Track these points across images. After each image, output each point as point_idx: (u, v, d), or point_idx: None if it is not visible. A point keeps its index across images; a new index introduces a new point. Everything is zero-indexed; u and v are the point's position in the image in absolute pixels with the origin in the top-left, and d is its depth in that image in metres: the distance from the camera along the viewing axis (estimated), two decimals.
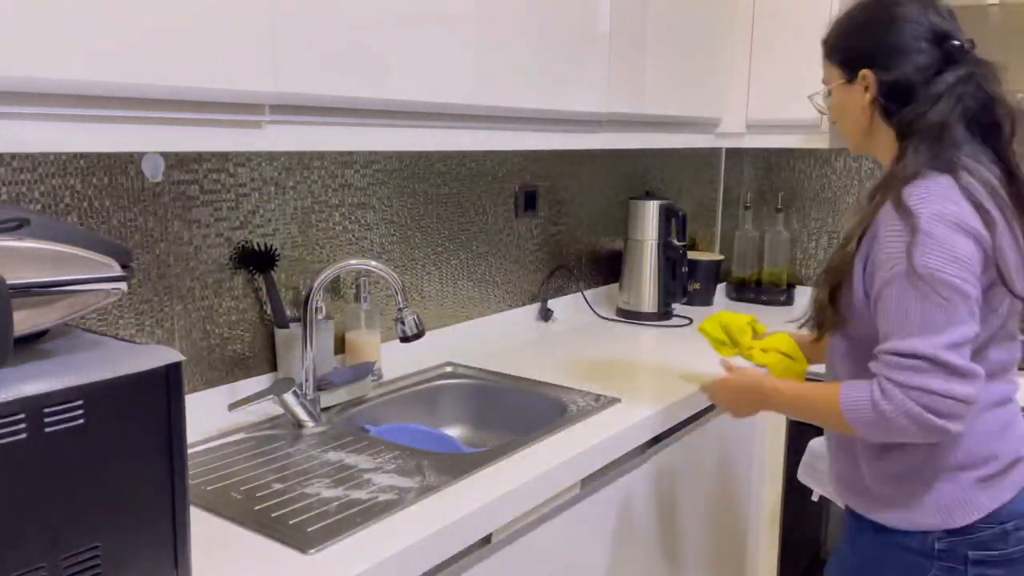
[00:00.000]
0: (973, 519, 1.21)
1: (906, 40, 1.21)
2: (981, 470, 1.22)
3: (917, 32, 1.21)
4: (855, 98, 1.27)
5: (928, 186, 1.15)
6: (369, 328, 1.77)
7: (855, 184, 2.64)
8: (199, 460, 1.34)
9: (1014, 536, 1.23)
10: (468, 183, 2.09)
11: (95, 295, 0.85)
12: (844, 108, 1.30)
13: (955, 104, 1.19)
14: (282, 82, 1.16)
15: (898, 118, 1.23)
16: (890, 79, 1.22)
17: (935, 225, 1.11)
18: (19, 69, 0.89)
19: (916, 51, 1.21)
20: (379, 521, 1.14)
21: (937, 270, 1.10)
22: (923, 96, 1.20)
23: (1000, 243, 1.14)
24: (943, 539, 1.22)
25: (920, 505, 1.23)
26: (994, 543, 1.22)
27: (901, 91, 1.22)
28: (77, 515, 0.81)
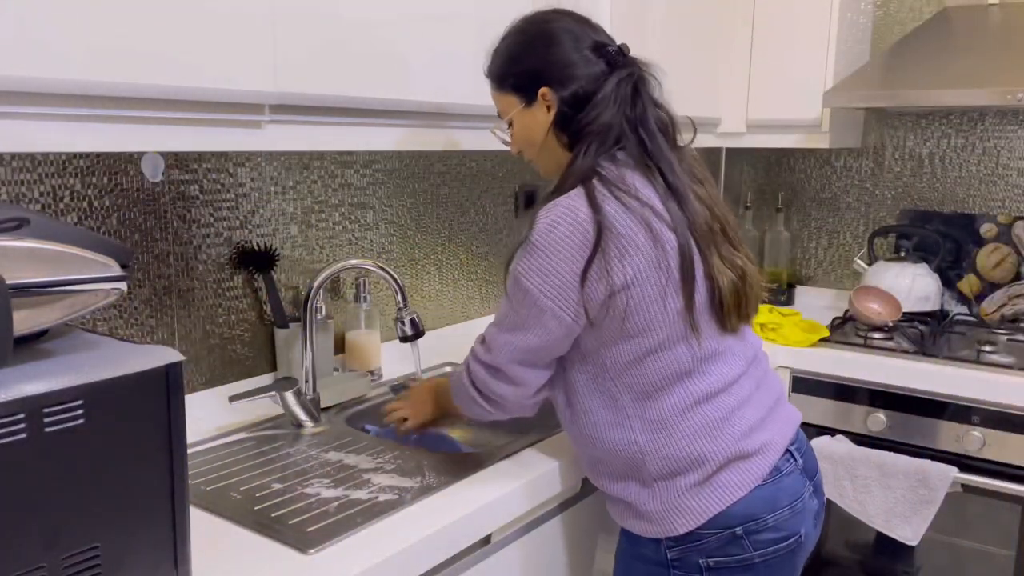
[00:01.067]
0: (695, 525, 1.17)
1: (571, 53, 1.22)
2: (692, 475, 1.17)
3: (578, 44, 1.22)
4: (537, 119, 1.26)
5: (559, 200, 1.14)
6: (369, 328, 1.77)
7: (855, 184, 2.64)
8: (199, 460, 1.34)
9: (750, 540, 1.17)
10: (468, 183, 2.09)
11: (95, 295, 0.85)
12: (529, 132, 1.28)
13: (618, 105, 1.20)
14: (282, 82, 1.16)
15: (571, 128, 1.23)
16: (568, 93, 1.22)
17: (540, 234, 1.13)
18: (19, 69, 0.89)
19: (583, 61, 1.22)
20: (379, 521, 1.14)
21: (526, 276, 1.14)
22: (593, 103, 1.21)
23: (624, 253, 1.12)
24: (673, 547, 1.19)
25: (644, 513, 1.20)
26: (727, 548, 1.17)
27: (579, 102, 1.22)
28: (77, 515, 0.81)
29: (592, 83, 1.21)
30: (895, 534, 1.94)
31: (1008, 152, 2.38)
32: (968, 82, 1.99)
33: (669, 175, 1.19)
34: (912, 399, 1.97)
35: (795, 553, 1.22)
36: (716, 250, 1.20)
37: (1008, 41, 2.10)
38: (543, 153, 1.29)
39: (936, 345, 2.10)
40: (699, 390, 1.19)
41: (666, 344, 1.16)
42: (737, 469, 1.18)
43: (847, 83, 2.18)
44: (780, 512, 1.19)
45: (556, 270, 1.13)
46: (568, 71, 1.22)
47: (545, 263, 1.13)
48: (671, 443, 1.18)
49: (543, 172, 1.33)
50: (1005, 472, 1.88)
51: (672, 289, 1.15)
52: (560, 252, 1.12)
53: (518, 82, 1.26)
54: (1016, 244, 2.37)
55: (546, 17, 1.26)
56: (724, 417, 1.19)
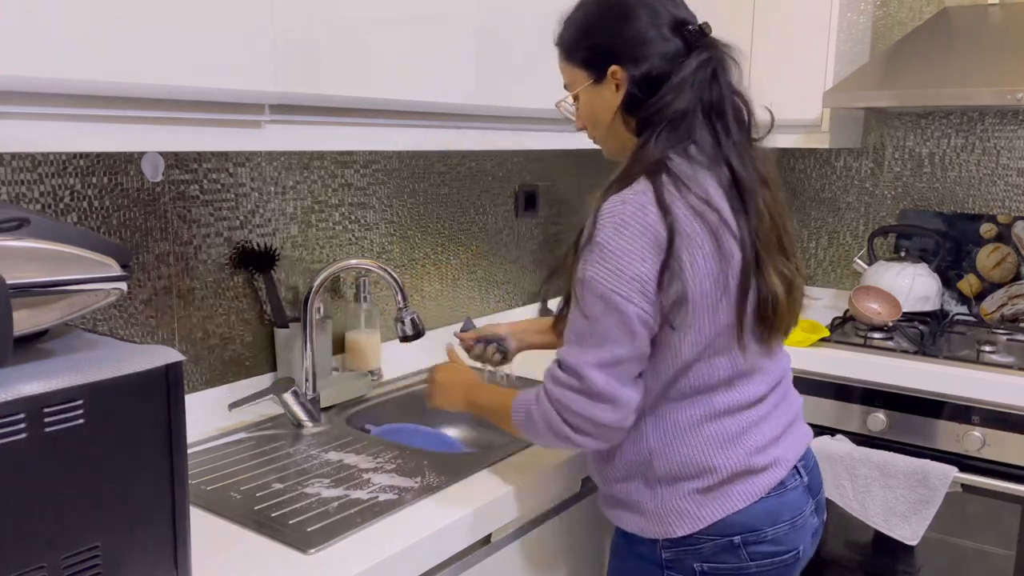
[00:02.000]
0: (693, 530, 1.15)
1: (647, 30, 1.14)
2: (697, 481, 1.15)
3: (656, 20, 1.14)
4: (605, 98, 1.18)
5: (625, 196, 1.08)
6: (369, 328, 1.77)
7: (855, 184, 2.64)
8: (199, 460, 1.34)
9: (746, 551, 1.16)
10: (468, 183, 2.09)
11: (95, 295, 0.85)
12: (595, 111, 1.20)
13: (694, 90, 1.13)
14: (282, 82, 1.16)
15: (641, 112, 1.15)
16: (640, 73, 1.14)
17: (607, 234, 1.06)
18: (20, 69, 0.89)
19: (660, 39, 1.13)
20: (379, 521, 1.14)
21: (598, 281, 1.06)
22: (668, 86, 1.13)
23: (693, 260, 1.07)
24: (668, 549, 1.17)
25: (644, 512, 1.18)
26: (722, 556, 1.16)
27: (652, 84, 1.14)
28: (77, 515, 0.81)
29: (667, 64, 1.13)
30: (895, 534, 1.94)
31: (1008, 152, 2.38)
32: (968, 82, 1.99)
33: (740, 171, 1.14)
34: (912, 399, 1.97)
35: (791, 568, 1.21)
36: (772, 262, 1.15)
37: (1008, 41, 2.10)
38: (608, 134, 1.21)
39: (936, 345, 2.10)
40: (723, 404, 1.16)
41: (706, 356, 1.13)
42: (744, 482, 1.16)
43: (847, 83, 2.18)
44: (780, 526, 1.18)
45: (632, 273, 1.05)
46: (642, 49, 1.14)
47: (619, 265, 1.06)
48: (682, 449, 1.15)
49: (606, 153, 1.26)
50: (1005, 472, 1.88)
51: (726, 303, 1.11)
52: (633, 252, 1.05)
53: (588, 56, 1.18)
54: (1016, 244, 2.37)
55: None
56: (740, 432, 1.17)
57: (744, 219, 1.12)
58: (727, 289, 1.10)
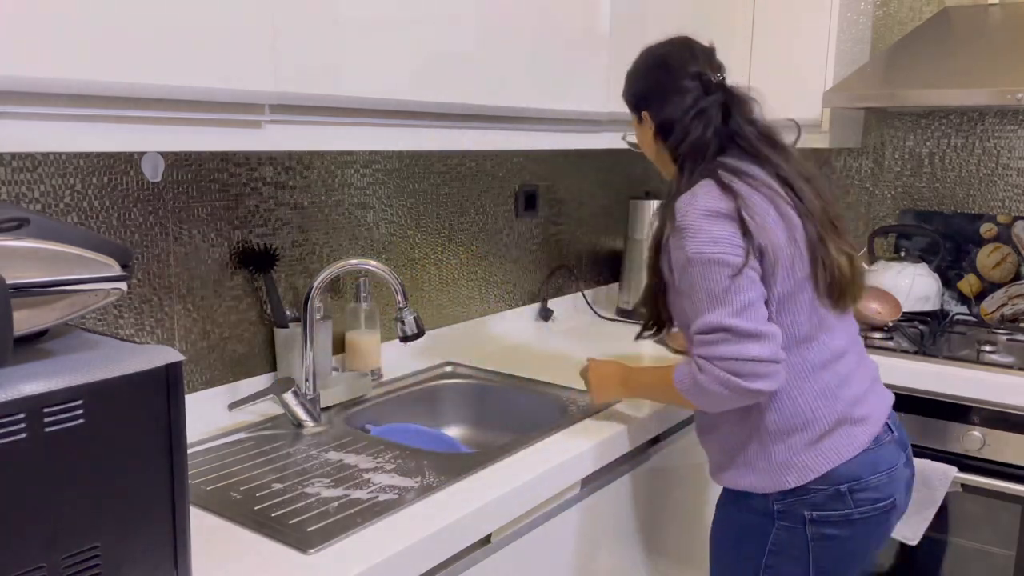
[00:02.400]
0: (805, 481, 1.31)
1: (671, 83, 1.39)
2: (807, 433, 1.31)
3: (680, 74, 1.39)
4: (645, 134, 1.46)
5: (687, 196, 1.31)
6: (369, 328, 1.77)
7: (855, 184, 2.64)
8: (199, 460, 1.34)
9: (852, 498, 1.31)
10: (468, 183, 2.09)
11: (95, 295, 0.85)
12: (643, 144, 1.49)
13: (704, 125, 1.36)
14: (282, 82, 1.16)
15: (669, 147, 1.41)
16: (661, 118, 1.41)
17: (690, 219, 1.28)
18: (20, 69, 0.89)
19: (681, 91, 1.38)
20: (379, 521, 1.14)
21: (700, 253, 1.26)
22: (682, 126, 1.38)
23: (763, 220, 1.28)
24: (780, 500, 1.33)
25: (756, 469, 1.34)
26: (831, 504, 1.31)
27: (668, 126, 1.40)
28: (77, 515, 0.81)
29: (680, 111, 1.38)
30: (895, 534, 1.94)
31: (1008, 152, 2.38)
32: (968, 82, 1.99)
33: (781, 167, 1.35)
34: (912, 399, 1.97)
35: (889, 515, 1.36)
36: (832, 240, 1.34)
37: (1008, 41, 2.09)
38: (659, 160, 1.47)
39: (936, 345, 2.10)
40: (815, 358, 1.32)
41: (789, 310, 1.30)
42: (844, 433, 1.32)
43: (847, 83, 2.18)
44: (879, 475, 1.33)
45: (721, 236, 1.26)
46: (665, 98, 1.40)
47: (709, 235, 1.26)
48: (789, 403, 1.31)
49: (663, 174, 1.49)
50: (1005, 472, 1.88)
51: (799, 262, 1.30)
52: (714, 224, 1.26)
53: (631, 103, 1.47)
54: (1016, 244, 2.37)
55: (662, 47, 1.44)
56: (838, 384, 1.33)
57: (798, 202, 1.33)
58: (799, 250, 1.30)
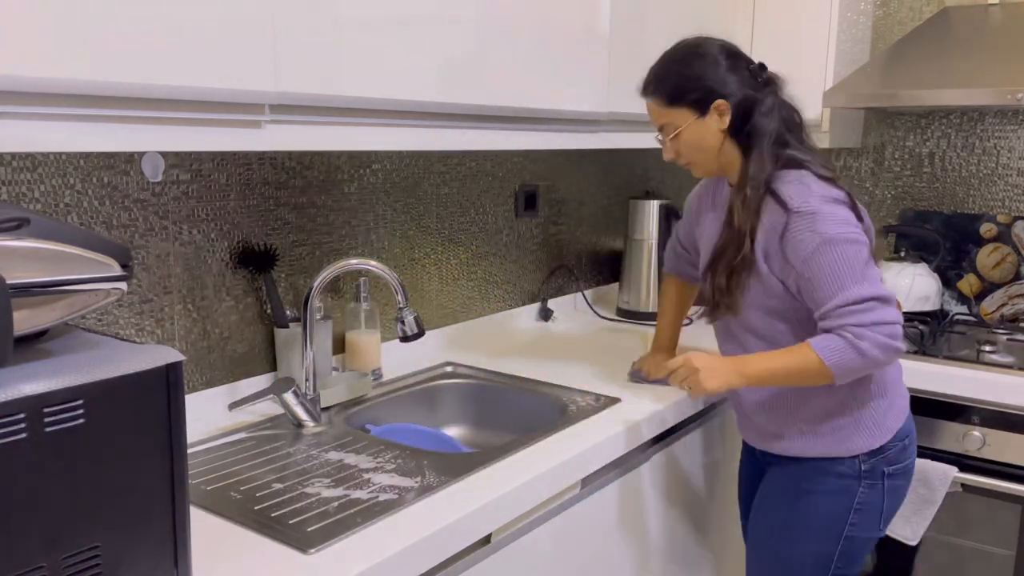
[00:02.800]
0: (888, 439, 1.48)
1: (730, 70, 1.45)
2: (887, 395, 1.49)
3: (731, 64, 1.46)
4: (711, 128, 1.46)
5: (793, 184, 1.40)
6: (369, 328, 1.77)
7: (855, 184, 2.64)
8: (199, 460, 1.34)
9: (910, 449, 1.53)
10: (468, 183, 2.09)
11: (95, 295, 0.85)
12: (702, 141, 1.48)
13: (777, 113, 1.46)
14: (282, 82, 1.16)
15: (744, 133, 1.45)
16: (736, 101, 1.44)
17: (820, 205, 1.37)
18: (20, 69, 0.89)
19: (741, 77, 1.45)
20: (379, 521, 1.14)
21: (840, 233, 1.35)
22: (758, 111, 1.45)
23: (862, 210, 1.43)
24: (867, 460, 1.48)
25: (849, 434, 1.48)
26: (899, 457, 1.50)
27: (746, 110, 1.45)
28: (77, 515, 0.81)
29: (751, 96, 1.44)
30: (895, 534, 1.94)
31: (1008, 152, 2.38)
32: (968, 82, 1.98)
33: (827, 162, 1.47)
34: (912, 399, 1.97)
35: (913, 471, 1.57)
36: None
37: (1008, 41, 2.09)
38: (711, 157, 1.49)
39: (936, 345, 2.10)
40: None
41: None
42: (900, 394, 1.54)
43: (847, 83, 2.18)
44: (912, 433, 1.56)
45: (849, 218, 1.38)
46: (732, 86, 1.44)
47: (840, 216, 1.37)
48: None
49: (701, 172, 1.54)
50: (1005, 472, 1.88)
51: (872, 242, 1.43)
52: (839, 206, 1.38)
53: (696, 97, 1.45)
54: (1016, 244, 2.37)
55: (704, 41, 1.49)
56: None
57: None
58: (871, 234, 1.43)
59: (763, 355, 1.45)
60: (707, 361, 1.45)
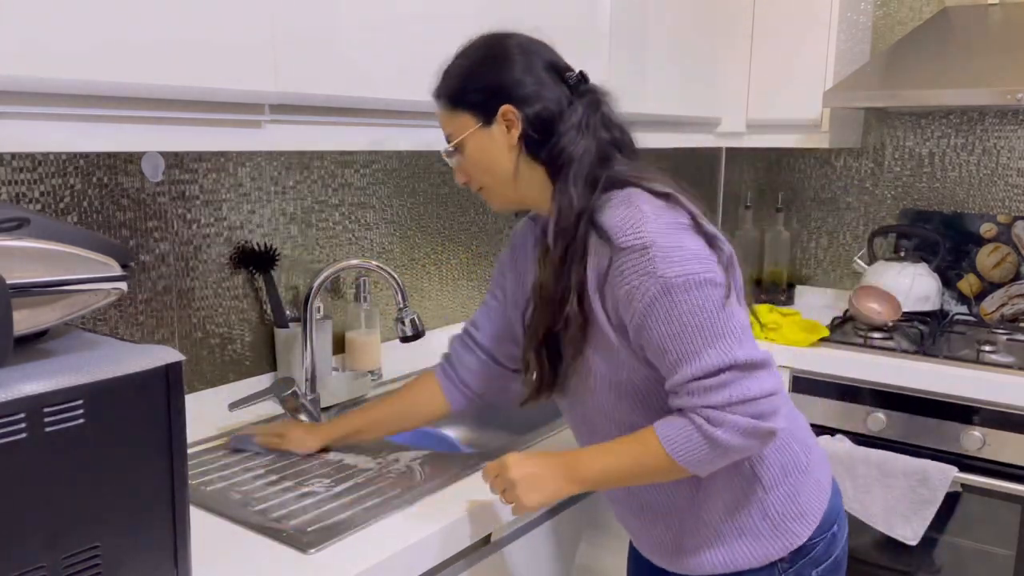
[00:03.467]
0: (812, 528, 1.15)
1: (534, 72, 1.13)
2: (798, 465, 1.16)
3: (539, 64, 1.14)
4: (497, 140, 1.13)
5: (619, 207, 1.06)
6: (369, 328, 1.77)
7: (855, 184, 2.64)
8: (199, 460, 1.34)
9: (840, 536, 1.19)
10: None
11: (95, 295, 0.85)
12: (487, 154, 1.15)
13: (591, 132, 1.12)
14: (282, 82, 1.16)
15: (547, 152, 1.12)
16: (533, 112, 1.12)
17: (651, 235, 1.03)
18: (20, 69, 0.89)
19: (546, 83, 1.13)
20: (379, 521, 1.14)
21: (684, 275, 1.01)
22: (564, 127, 1.12)
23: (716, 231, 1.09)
24: (788, 568, 1.15)
25: (760, 533, 1.14)
26: (829, 551, 1.17)
27: (545, 123, 1.12)
28: (77, 515, 0.81)
29: (557, 106, 1.13)
30: (895, 534, 1.94)
31: (1008, 152, 2.38)
32: (968, 82, 1.99)
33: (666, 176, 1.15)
34: (912, 399, 1.97)
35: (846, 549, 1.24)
36: None
37: (1008, 41, 2.09)
38: (507, 181, 1.16)
39: (936, 345, 2.10)
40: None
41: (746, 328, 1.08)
42: (818, 459, 1.21)
43: (847, 83, 2.18)
44: (842, 513, 1.22)
45: (698, 251, 1.04)
46: (531, 89, 1.12)
47: (685, 249, 1.03)
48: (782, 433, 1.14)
49: (497, 201, 1.20)
50: (1005, 472, 1.88)
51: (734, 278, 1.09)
52: (684, 233, 1.05)
53: (477, 100, 1.14)
54: (1016, 244, 2.37)
55: (506, 35, 1.18)
56: (795, 412, 1.22)
57: None
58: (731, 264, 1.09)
59: (599, 448, 1.12)
60: (528, 467, 1.10)
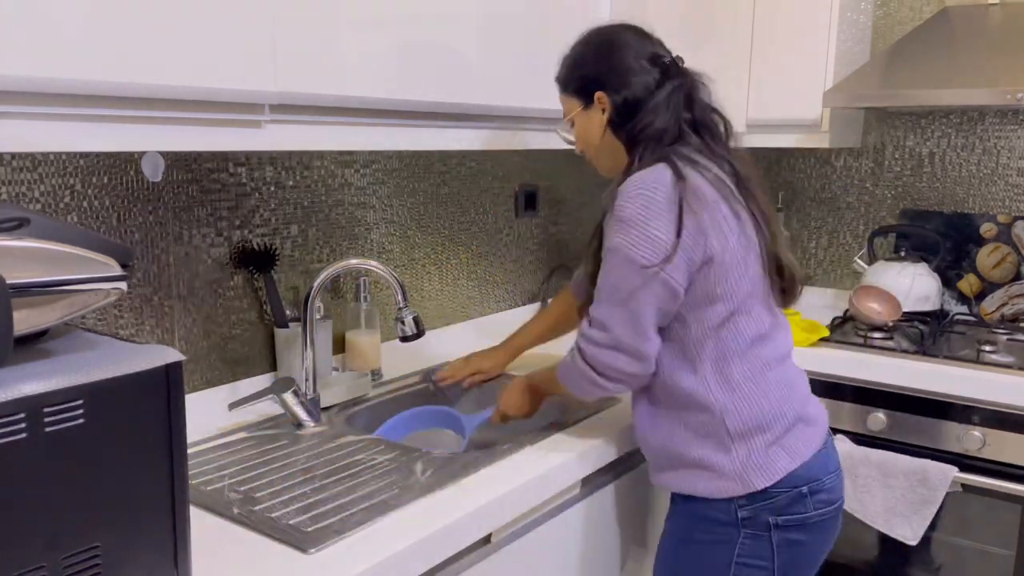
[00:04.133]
0: (772, 481, 1.26)
1: (629, 62, 1.33)
2: (769, 432, 1.28)
3: (636, 54, 1.33)
4: (594, 120, 1.37)
5: (644, 174, 1.24)
6: (369, 328, 1.77)
7: (855, 184, 2.64)
8: (199, 460, 1.34)
9: (811, 500, 1.29)
10: (468, 183, 2.09)
11: (95, 295, 0.85)
12: (588, 133, 1.39)
13: (671, 111, 1.30)
14: (282, 82, 1.16)
15: (627, 131, 1.33)
16: (620, 98, 1.33)
17: (630, 210, 1.21)
18: (21, 69, 0.89)
19: (639, 71, 1.32)
20: (379, 521, 1.14)
21: (627, 248, 1.21)
22: (646, 109, 1.31)
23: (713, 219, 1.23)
24: (745, 506, 1.28)
25: (722, 472, 1.28)
26: (793, 507, 1.28)
27: (630, 107, 1.32)
28: (77, 515, 0.81)
29: (644, 91, 1.31)
30: (895, 533, 1.94)
31: (1008, 152, 2.38)
32: (968, 82, 1.99)
33: (737, 166, 1.31)
34: (912, 399, 1.97)
35: (837, 517, 1.35)
36: (780, 240, 1.33)
37: (1008, 41, 2.09)
38: (600, 152, 1.39)
39: (936, 345, 2.10)
40: (772, 354, 1.30)
41: (746, 308, 1.27)
42: (802, 432, 1.31)
43: (847, 83, 2.18)
44: (831, 475, 1.32)
45: (656, 237, 1.20)
46: (623, 78, 1.32)
47: (644, 231, 1.20)
48: (749, 402, 1.27)
49: (601, 170, 1.43)
50: (1005, 472, 1.88)
51: (753, 261, 1.27)
52: (657, 218, 1.20)
53: (579, 86, 1.37)
54: (1016, 244, 2.37)
55: (609, 29, 1.39)
56: (792, 381, 1.33)
57: (753, 201, 1.30)
58: (752, 249, 1.27)
59: (543, 371, 1.50)
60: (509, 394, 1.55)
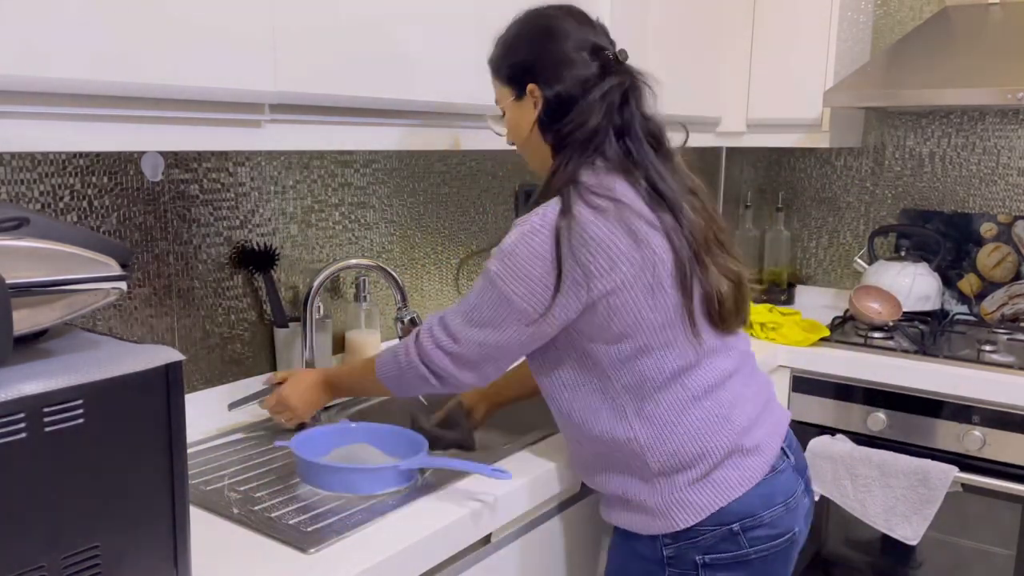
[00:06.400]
0: (696, 521, 1.17)
1: (566, 52, 1.19)
2: (694, 469, 1.18)
3: (576, 44, 1.19)
4: (525, 114, 1.23)
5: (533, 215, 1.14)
6: (369, 328, 1.77)
7: (855, 183, 2.64)
8: (199, 460, 1.34)
9: (746, 537, 1.18)
10: (468, 183, 2.09)
11: (95, 295, 0.85)
12: (518, 126, 1.26)
13: (604, 113, 1.17)
14: (282, 81, 1.16)
15: (554, 132, 1.20)
16: (553, 93, 1.19)
17: (516, 243, 1.13)
18: (20, 69, 0.89)
19: (577, 63, 1.18)
20: (379, 521, 1.14)
21: (501, 279, 1.14)
22: (578, 108, 1.18)
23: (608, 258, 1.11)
24: (670, 545, 1.19)
25: (645, 509, 1.20)
26: (723, 545, 1.18)
27: (563, 104, 1.19)
28: (77, 515, 0.81)
29: (578, 86, 1.18)
30: (895, 533, 1.94)
31: (1008, 152, 2.38)
32: (968, 82, 1.98)
33: (658, 183, 1.18)
34: (912, 399, 1.97)
35: (789, 550, 1.24)
36: (713, 259, 1.20)
37: (1008, 41, 2.09)
38: (529, 148, 1.27)
39: (936, 345, 2.10)
40: (697, 386, 1.19)
41: (661, 343, 1.16)
42: (736, 465, 1.19)
43: (847, 82, 2.18)
44: (775, 509, 1.21)
45: (530, 275, 1.12)
46: (558, 70, 1.18)
47: (520, 267, 1.13)
48: (673, 438, 1.18)
49: (531, 166, 1.31)
50: (1005, 472, 1.88)
51: (664, 289, 1.15)
52: (536, 258, 1.12)
53: (511, 73, 1.24)
54: (1016, 243, 2.37)
55: (549, 12, 1.23)
56: (723, 413, 1.20)
57: (672, 221, 1.16)
58: (658, 278, 1.14)
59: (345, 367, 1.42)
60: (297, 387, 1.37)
